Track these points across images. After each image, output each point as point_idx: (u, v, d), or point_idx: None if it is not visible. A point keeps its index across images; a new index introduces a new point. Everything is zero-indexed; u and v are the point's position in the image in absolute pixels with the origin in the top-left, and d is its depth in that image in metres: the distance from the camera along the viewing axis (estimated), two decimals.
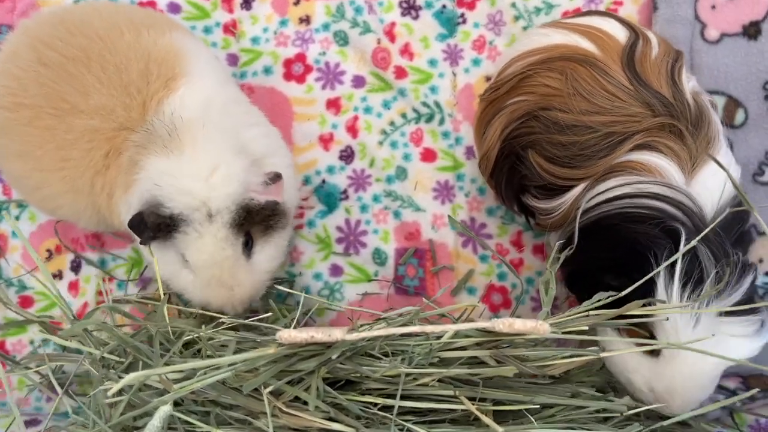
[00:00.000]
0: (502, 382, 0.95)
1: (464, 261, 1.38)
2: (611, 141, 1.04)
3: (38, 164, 1.10)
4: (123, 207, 1.08)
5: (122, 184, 1.07)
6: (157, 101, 1.07)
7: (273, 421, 0.88)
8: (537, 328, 0.78)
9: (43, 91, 1.07)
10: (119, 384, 0.75)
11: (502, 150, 1.18)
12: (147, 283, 1.39)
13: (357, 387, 0.95)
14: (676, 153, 1.01)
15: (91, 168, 1.08)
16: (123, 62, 1.08)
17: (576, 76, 1.07)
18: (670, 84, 1.05)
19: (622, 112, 1.04)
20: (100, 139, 1.07)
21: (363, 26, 1.39)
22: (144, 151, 1.03)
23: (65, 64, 1.07)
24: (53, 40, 1.09)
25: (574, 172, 1.07)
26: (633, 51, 1.07)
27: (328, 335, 0.80)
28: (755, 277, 0.98)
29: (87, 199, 1.12)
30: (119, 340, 0.94)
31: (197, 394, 0.93)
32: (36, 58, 1.08)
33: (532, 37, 1.19)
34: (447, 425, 0.95)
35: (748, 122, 1.29)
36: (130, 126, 1.07)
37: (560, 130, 1.07)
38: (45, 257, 1.38)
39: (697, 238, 0.92)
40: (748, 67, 1.29)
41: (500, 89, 1.18)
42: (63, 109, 1.07)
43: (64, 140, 1.07)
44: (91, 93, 1.06)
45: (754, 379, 1.27)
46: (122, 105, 1.07)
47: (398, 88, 1.39)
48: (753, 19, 1.29)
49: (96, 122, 1.07)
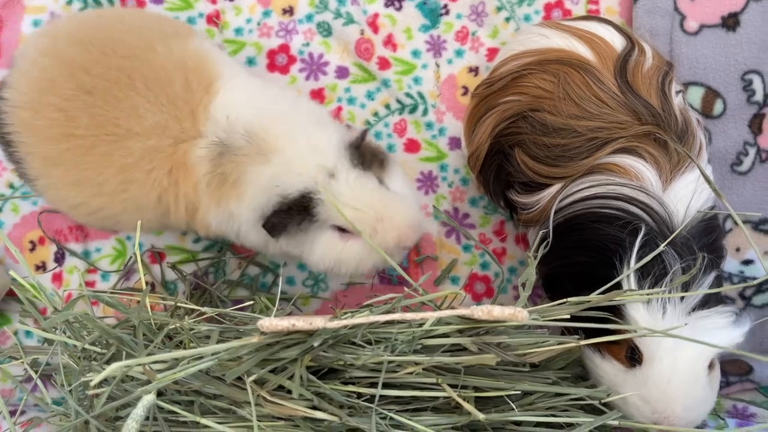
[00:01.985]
0: (483, 370, 0.96)
1: (448, 251, 1.39)
2: (594, 144, 1.06)
3: (98, 190, 1.08)
4: (214, 219, 1.09)
5: (212, 199, 1.07)
6: (204, 107, 1.08)
7: (257, 410, 0.89)
8: (515, 315, 0.79)
9: (95, 120, 1.05)
10: (103, 374, 0.75)
11: (492, 147, 1.19)
12: (130, 275, 1.39)
13: (341, 376, 0.96)
14: (656, 160, 1.03)
15: (156, 186, 1.07)
16: (163, 77, 1.07)
17: (569, 80, 1.08)
18: (659, 95, 1.07)
19: (610, 118, 1.05)
20: (160, 158, 1.06)
21: (346, 17, 1.39)
22: (235, 165, 1.04)
23: (110, 88, 1.06)
24: (92, 65, 1.07)
25: (555, 171, 1.09)
26: (627, 60, 1.09)
27: (310, 323, 0.81)
28: (720, 275, 1.00)
29: (153, 214, 1.11)
30: (101, 331, 0.94)
31: (181, 384, 0.94)
32: (78, 86, 1.06)
33: (531, 37, 1.19)
34: (429, 413, 0.96)
35: (726, 113, 1.31)
36: (185, 138, 1.07)
37: (546, 132, 1.08)
38: (29, 249, 1.38)
39: (664, 243, 0.94)
40: (727, 58, 1.30)
41: (494, 86, 1.19)
42: (118, 134, 1.06)
43: (124, 164, 1.06)
44: (143, 114, 1.06)
45: (730, 364, 1.30)
46: (174, 119, 1.06)
47: (382, 79, 1.39)
48: (732, 11, 1.30)
49: (153, 142, 1.06)
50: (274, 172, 1.03)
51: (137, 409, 0.80)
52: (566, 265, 1.03)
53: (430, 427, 0.92)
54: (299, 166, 1.02)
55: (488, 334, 0.93)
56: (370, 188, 1.04)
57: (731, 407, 1.27)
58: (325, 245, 1.06)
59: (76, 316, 0.96)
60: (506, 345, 0.93)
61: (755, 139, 1.32)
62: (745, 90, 1.31)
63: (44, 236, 1.38)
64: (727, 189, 1.31)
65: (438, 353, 0.92)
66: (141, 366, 0.87)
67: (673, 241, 0.96)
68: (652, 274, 0.95)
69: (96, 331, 0.96)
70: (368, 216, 1.03)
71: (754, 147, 1.32)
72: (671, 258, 0.95)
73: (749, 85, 1.31)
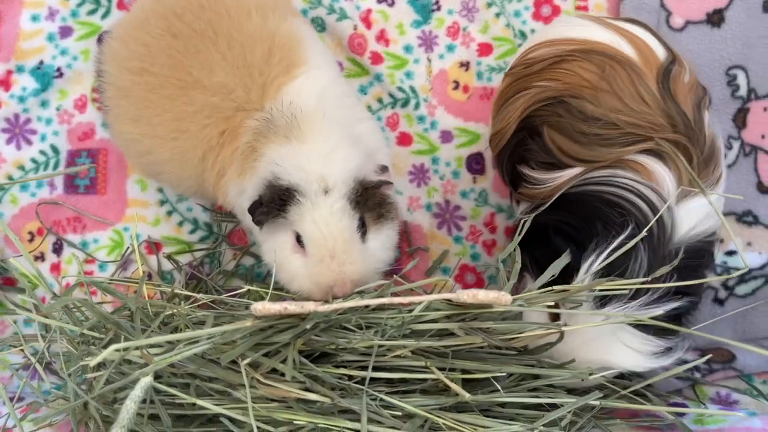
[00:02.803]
0: (470, 354, 0.99)
1: (439, 242, 1.42)
2: (628, 139, 1.07)
3: (153, 131, 1.12)
4: (233, 188, 1.11)
5: (237, 168, 1.09)
6: (277, 86, 1.10)
7: (251, 392, 0.92)
8: (499, 299, 0.82)
9: (170, 61, 1.11)
10: (102, 355, 0.78)
11: (519, 127, 1.19)
12: (127, 266, 1.41)
13: (333, 359, 0.99)
14: (679, 170, 1.04)
15: (204, 143, 1.11)
16: (248, 42, 1.10)
17: (614, 75, 1.09)
18: (695, 111, 1.09)
19: (647, 118, 1.06)
20: (218, 117, 1.10)
21: (339, 13, 1.42)
22: (264, 140, 1.06)
23: (194, 37, 1.11)
24: (185, 12, 1.12)
25: (582, 152, 1.09)
26: (670, 69, 1.11)
27: (301, 307, 0.84)
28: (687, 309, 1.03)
29: (194, 171, 1.14)
30: (99, 316, 0.97)
31: (177, 367, 0.96)
32: (166, 27, 1.12)
33: (571, 26, 1.20)
34: (418, 395, 0.99)
35: (711, 107, 1.34)
36: (247, 108, 1.10)
37: (585, 119, 1.09)
38: (27, 239, 1.41)
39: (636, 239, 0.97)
40: (712, 53, 1.33)
41: (532, 67, 1.19)
42: (187, 81, 1.10)
43: (183, 112, 1.10)
44: (215, 70, 1.09)
45: (714, 352, 1.33)
46: (243, 86, 1.09)
47: (374, 73, 1.42)
48: (716, 7, 1.33)
49: (217, 100, 1.09)
50: (286, 152, 1.04)
51: (135, 390, 0.83)
52: (553, 220, 1.04)
53: (419, 407, 0.94)
54: (307, 164, 1.02)
55: (476, 320, 0.96)
56: (344, 225, 1.02)
57: (714, 394, 1.30)
58: (277, 243, 1.06)
59: (74, 302, 0.98)
60: (491, 330, 0.96)
61: (739, 133, 1.35)
62: (729, 85, 1.34)
63: (42, 227, 1.41)
64: None
65: (426, 338, 0.95)
66: (138, 350, 0.90)
67: (655, 253, 0.98)
68: (613, 272, 0.97)
69: (94, 317, 0.98)
70: (324, 245, 1.01)
71: (738, 141, 1.35)
72: (638, 266, 0.97)
73: (733, 80, 1.34)
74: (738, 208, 1.35)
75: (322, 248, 1.01)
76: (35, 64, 1.41)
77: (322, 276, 1.02)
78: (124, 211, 1.42)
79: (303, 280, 1.05)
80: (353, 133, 1.11)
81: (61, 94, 1.42)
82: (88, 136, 1.42)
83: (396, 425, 0.93)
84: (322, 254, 1.02)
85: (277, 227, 1.05)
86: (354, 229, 1.04)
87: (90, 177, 1.42)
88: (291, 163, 1.02)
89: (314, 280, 1.03)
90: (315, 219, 1.01)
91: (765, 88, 1.34)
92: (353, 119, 1.16)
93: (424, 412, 0.93)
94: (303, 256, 1.04)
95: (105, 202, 1.42)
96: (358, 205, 1.04)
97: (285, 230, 1.05)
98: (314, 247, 1.02)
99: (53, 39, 1.42)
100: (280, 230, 1.05)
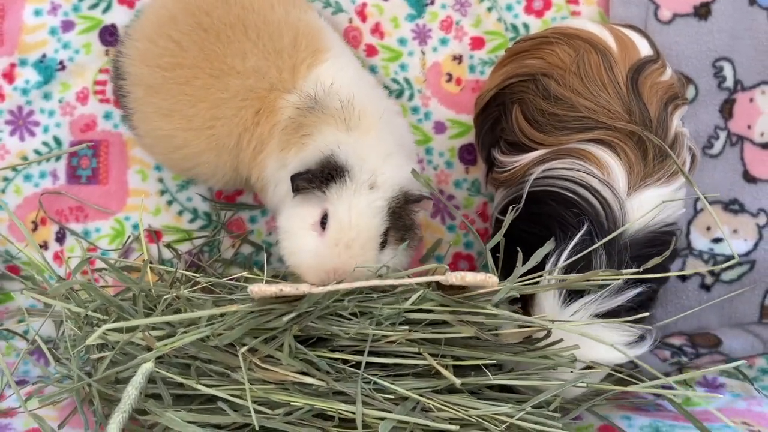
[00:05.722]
0: (462, 341, 1.02)
1: (433, 231, 1.46)
2: (582, 124, 1.10)
3: (188, 123, 1.16)
4: (272, 162, 1.15)
5: (280, 142, 1.13)
6: (307, 66, 1.16)
7: (249, 375, 0.94)
8: (486, 281, 0.85)
9: (203, 53, 1.15)
10: (96, 333, 0.81)
11: (496, 96, 1.25)
12: (129, 254, 1.45)
13: (329, 344, 1.01)
14: (630, 162, 1.07)
15: (240, 125, 1.15)
16: (275, 32, 1.17)
17: (586, 58, 1.14)
18: (659, 107, 1.12)
19: (602, 103, 1.10)
20: (253, 97, 1.15)
21: (335, 6, 1.45)
22: (314, 119, 1.10)
23: (224, 29, 1.16)
24: (212, 9, 1.17)
25: (541, 137, 1.14)
26: (645, 64, 1.14)
27: (296, 289, 0.87)
28: (649, 295, 1.05)
29: (229, 156, 1.18)
30: (103, 299, 1.00)
31: (178, 349, 1.00)
32: (196, 23, 1.17)
33: (579, 20, 1.28)
34: (410, 378, 1.01)
35: (699, 98, 1.37)
36: (281, 87, 1.15)
37: (547, 97, 1.14)
38: (31, 228, 1.44)
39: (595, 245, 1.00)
40: (699, 45, 1.36)
41: (523, 44, 1.26)
42: (222, 69, 1.15)
43: (219, 99, 1.15)
44: (248, 56, 1.15)
45: (700, 336, 1.36)
46: (275, 67, 1.15)
47: (369, 65, 1.45)
48: (703, 0, 1.36)
49: (251, 82, 1.15)
50: (344, 140, 1.07)
51: (136, 376, 0.86)
52: (521, 231, 1.07)
53: (411, 390, 0.97)
54: (367, 154, 1.07)
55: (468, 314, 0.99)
56: (373, 223, 1.05)
57: (701, 378, 1.34)
58: (301, 215, 1.08)
59: (79, 284, 1.02)
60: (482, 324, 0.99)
61: (726, 123, 1.38)
62: (716, 76, 1.37)
63: (45, 217, 1.44)
64: (699, 171, 1.37)
65: (420, 327, 0.98)
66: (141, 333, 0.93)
67: (612, 246, 1.01)
68: (577, 270, 1.00)
69: (98, 300, 1.02)
70: (347, 233, 1.04)
71: (725, 131, 1.38)
72: (599, 261, 1.01)
73: (720, 72, 1.37)
74: (725, 196, 1.38)
75: (343, 235, 1.04)
76: (38, 58, 1.44)
77: (329, 258, 1.04)
78: (126, 201, 1.45)
79: (308, 256, 1.06)
80: (399, 131, 1.20)
81: (64, 86, 1.45)
82: (90, 128, 1.45)
83: (389, 408, 0.95)
84: (340, 240, 1.04)
85: (308, 199, 1.08)
86: (379, 231, 1.06)
87: (92, 168, 1.45)
88: (352, 150, 1.07)
89: (320, 260, 1.05)
90: (351, 204, 1.04)
91: (751, 80, 1.37)
92: (392, 113, 1.23)
93: (416, 395, 0.96)
94: (319, 236, 1.06)
95: (106, 192, 1.45)
96: (391, 216, 1.08)
97: (315, 205, 1.07)
98: (336, 230, 1.04)
99: (56, 33, 1.44)
100: (310, 203, 1.08)
